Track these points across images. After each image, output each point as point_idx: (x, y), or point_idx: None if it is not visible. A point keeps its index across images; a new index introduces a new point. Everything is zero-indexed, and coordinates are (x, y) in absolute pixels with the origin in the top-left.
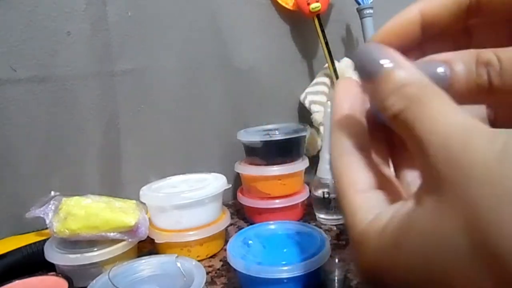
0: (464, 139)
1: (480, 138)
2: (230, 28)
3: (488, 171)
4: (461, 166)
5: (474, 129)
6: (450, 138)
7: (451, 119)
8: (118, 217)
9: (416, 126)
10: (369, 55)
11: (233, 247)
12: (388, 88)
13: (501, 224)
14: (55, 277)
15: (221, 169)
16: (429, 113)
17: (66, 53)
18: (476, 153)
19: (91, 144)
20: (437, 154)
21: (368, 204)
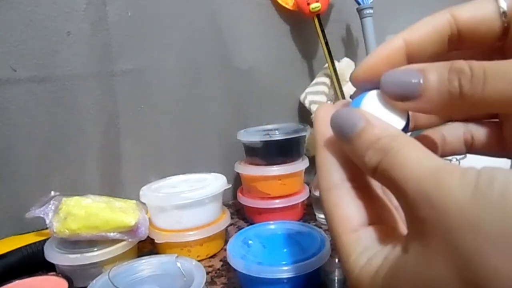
0: (436, 181)
1: (451, 177)
2: (230, 28)
3: (463, 212)
4: (438, 210)
5: (444, 170)
6: (423, 182)
7: (422, 164)
8: (118, 217)
9: (392, 175)
10: (344, 118)
11: (233, 247)
12: (363, 144)
13: (489, 268)
14: (55, 277)
15: (221, 169)
16: (401, 161)
17: (66, 53)
18: (450, 195)
19: (91, 144)
20: (415, 199)
21: (361, 246)
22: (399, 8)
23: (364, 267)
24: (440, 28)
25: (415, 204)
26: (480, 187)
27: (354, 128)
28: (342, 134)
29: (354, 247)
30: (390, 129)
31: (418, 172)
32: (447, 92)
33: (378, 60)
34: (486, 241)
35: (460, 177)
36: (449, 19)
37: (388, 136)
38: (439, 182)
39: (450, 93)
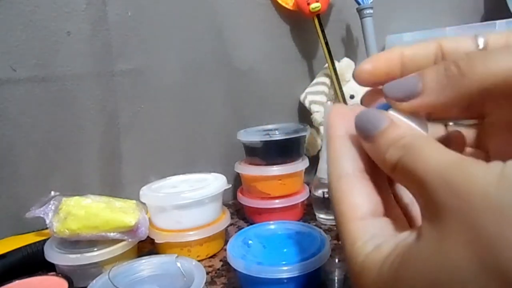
0: (462, 171)
1: (477, 166)
2: (230, 28)
3: (488, 198)
4: (461, 196)
5: (469, 161)
6: (448, 172)
7: (445, 157)
8: (118, 217)
9: (413, 168)
10: (369, 117)
11: (233, 247)
12: (386, 143)
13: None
14: (55, 277)
15: (221, 169)
16: (424, 156)
17: (66, 53)
18: (475, 182)
19: (91, 144)
20: (438, 188)
21: (368, 233)
22: (399, 8)
23: (371, 253)
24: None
25: (435, 192)
26: (505, 174)
27: (378, 126)
28: (366, 131)
29: (360, 234)
30: (412, 130)
31: (441, 162)
32: (445, 77)
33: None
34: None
35: (485, 166)
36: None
37: (412, 135)
38: (464, 170)
39: (448, 77)
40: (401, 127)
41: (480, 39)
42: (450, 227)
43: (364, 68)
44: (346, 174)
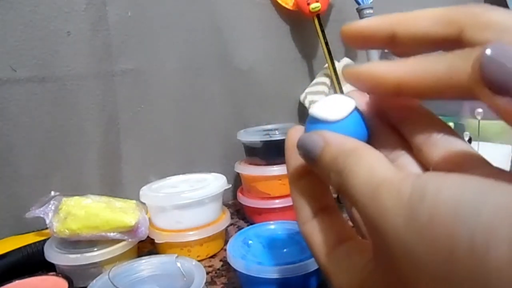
0: (375, 204)
1: (388, 197)
2: (230, 28)
3: (400, 239)
4: (380, 235)
5: (383, 187)
6: (366, 204)
7: (367, 182)
8: (118, 217)
9: (349, 197)
10: (305, 143)
11: (233, 247)
12: (325, 167)
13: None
14: (55, 277)
15: (221, 169)
16: (352, 182)
17: (66, 53)
18: (387, 219)
19: (91, 144)
20: (364, 220)
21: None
22: (399, 8)
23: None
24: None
25: (366, 225)
26: (411, 208)
27: (316, 151)
28: (308, 159)
29: (332, 267)
30: (345, 145)
31: (362, 193)
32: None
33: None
34: (418, 270)
35: (396, 195)
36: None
37: (343, 155)
38: (378, 205)
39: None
40: (333, 145)
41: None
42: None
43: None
44: (307, 220)
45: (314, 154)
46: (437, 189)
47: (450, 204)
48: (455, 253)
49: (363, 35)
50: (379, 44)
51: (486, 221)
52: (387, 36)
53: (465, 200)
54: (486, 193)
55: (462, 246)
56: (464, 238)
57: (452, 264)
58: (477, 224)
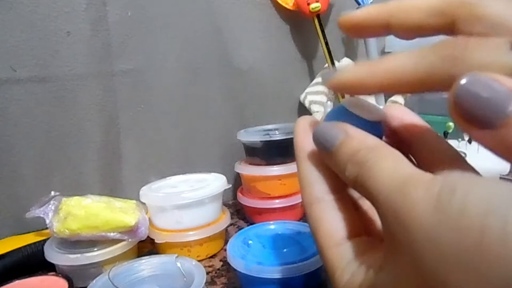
0: (402, 196)
1: (416, 191)
2: (230, 28)
3: (425, 229)
4: (404, 226)
5: (411, 182)
6: (391, 196)
7: (392, 176)
8: (118, 217)
9: (368, 188)
10: (324, 132)
11: (233, 247)
12: (343, 159)
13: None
14: (55, 277)
15: (221, 169)
16: (375, 174)
17: (66, 53)
18: (413, 210)
19: (91, 144)
20: (385, 214)
21: (345, 259)
22: None
23: (347, 283)
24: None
25: (386, 219)
26: (441, 201)
27: (334, 142)
28: (324, 148)
29: (338, 262)
30: (368, 140)
31: (387, 185)
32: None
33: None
34: (445, 260)
35: (424, 190)
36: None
37: (366, 148)
38: (405, 197)
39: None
40: (355, 138)
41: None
42: (400, 258)
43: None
44: (316, 200)
45: (332, 144)
46: (469, 185)
47: (482, 196)
48: (486, 241)
49: (360, 26)
50: (374, 33)
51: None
52: (382, 26)
53: (497, 194)
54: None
55: (494, 234)
56: (496, 227)
57: (483, 253)
58: (509, 214)
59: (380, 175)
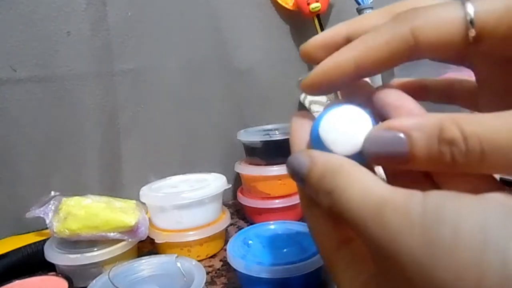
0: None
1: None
2: (230, 28)
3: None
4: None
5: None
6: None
7: (365, 202)
8: (118, 217)
9: (346, 219)
10: (292, 162)
11: (233, 247)
12: (313, 187)
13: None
14: (55, 277)
15: (221, 169)
16: (346, 202)
17: (66, 53)
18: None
19: (91, 144)
20: (370, 245)
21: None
22: None
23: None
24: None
25: (372, 249)
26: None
27: (303, 171)
28: (297, 179)
29: (338, 268)
30: (331, 163)
31: (362, 215)
32: (438, 162)
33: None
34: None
35: (404, 218)
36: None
37: (330, 173)
38: (385, 227)
39: (442, 163)
40: (319, 163)
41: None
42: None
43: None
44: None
45: (302, 175)
46: (457, 212)
47: (476, 229)
48: (486, 279)
49: (322, 48)
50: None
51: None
52: (343, 40)
53: (492, 226)
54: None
55: (494, 272)
56: (495, 264)
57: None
58: (508, 249)
59: (351, 204)
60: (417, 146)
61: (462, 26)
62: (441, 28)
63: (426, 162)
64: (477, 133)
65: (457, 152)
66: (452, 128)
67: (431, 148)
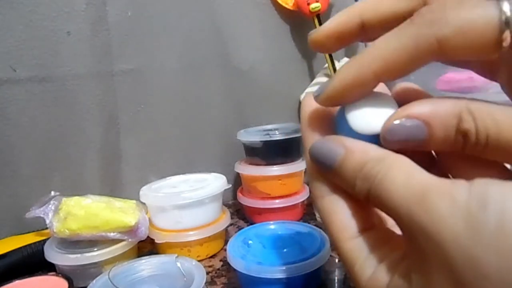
0: (426, 210)
1: (441, 204)
2: (230, 28)
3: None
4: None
5: (432, 193)
6: (413, 210)
7: (408, 188)
8: (118, 217)
9: (384, 203)
10: (320, 150)
11: (233, 247)
12: (349, 175)
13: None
14: (55, 277)
15: (221, 169)
16: (389, 187)
17: (66, 53)
18: (443, 225)
19: (91, 144)
20: (410, 229)
21: (364, 252)
22: None
23: (371, 280)
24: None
25: (411, 234)
26: (473, 215)
27: (335, 158)
28: (324, 167)
29: (356, 254)
30: (371, 152)
31: (405, 199)
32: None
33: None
34: (488, 280)
35: (449, 202)
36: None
37: (371, 160)
38: (429, 210)
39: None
40: (357, 152)
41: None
42: (432, 273)
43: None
44: (328, 192)
45: (333, 161)
46: (502, 197)
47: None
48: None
49: (335, 35)
50: (352, 38)
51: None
52: (358, 27)
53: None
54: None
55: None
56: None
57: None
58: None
59: (395, 188)
60: (436, 134)
61: (496, 30)
62: (471, 37)
63: (439, 146)
64: (487, 127)
65: (467, 142)
66: (469, 120)
67: (448, 136)
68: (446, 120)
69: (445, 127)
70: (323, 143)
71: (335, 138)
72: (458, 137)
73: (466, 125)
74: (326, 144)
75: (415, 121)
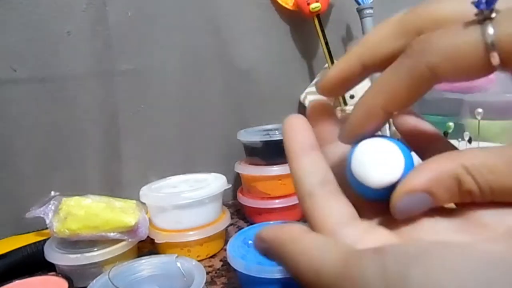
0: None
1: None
2: (230, 28)
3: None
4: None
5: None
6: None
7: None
8: (118, 217)
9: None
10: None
11: (233, 247)
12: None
13: None
14: (55, 277)
15: (221, 169)
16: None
17: (66, 53)
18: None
19: (91, 144)
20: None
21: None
22: (399, 8)
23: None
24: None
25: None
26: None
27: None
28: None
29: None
30: (278, 238)
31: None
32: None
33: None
34: None
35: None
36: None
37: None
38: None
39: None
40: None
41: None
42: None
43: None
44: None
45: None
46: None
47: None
48: None
49: (339, 83)
50: (356, 80)
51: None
52: (359, 70)
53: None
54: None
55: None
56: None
57: None
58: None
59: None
60: (441, 198)
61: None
62: (458, 61)
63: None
64: (488, 182)
65: (474, 196)
66: (469, 180)
67: (453, 196)
68: (447, 185)
69: (448, 191)
70: (258, 237)
71: (261, 231)
72: (464, 195)
73: (468, 186)
74: (259, 240)
75: (417, 194)
